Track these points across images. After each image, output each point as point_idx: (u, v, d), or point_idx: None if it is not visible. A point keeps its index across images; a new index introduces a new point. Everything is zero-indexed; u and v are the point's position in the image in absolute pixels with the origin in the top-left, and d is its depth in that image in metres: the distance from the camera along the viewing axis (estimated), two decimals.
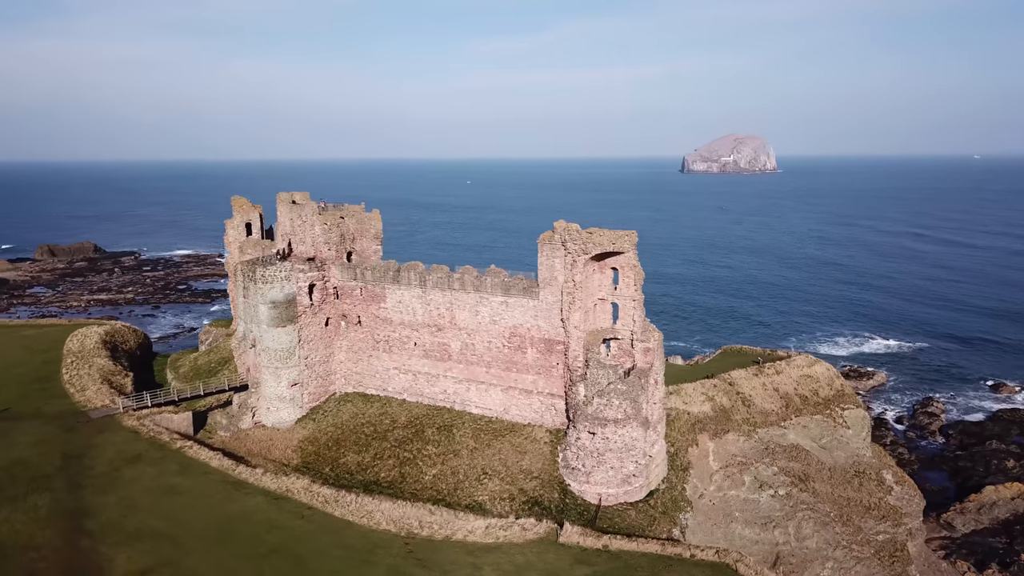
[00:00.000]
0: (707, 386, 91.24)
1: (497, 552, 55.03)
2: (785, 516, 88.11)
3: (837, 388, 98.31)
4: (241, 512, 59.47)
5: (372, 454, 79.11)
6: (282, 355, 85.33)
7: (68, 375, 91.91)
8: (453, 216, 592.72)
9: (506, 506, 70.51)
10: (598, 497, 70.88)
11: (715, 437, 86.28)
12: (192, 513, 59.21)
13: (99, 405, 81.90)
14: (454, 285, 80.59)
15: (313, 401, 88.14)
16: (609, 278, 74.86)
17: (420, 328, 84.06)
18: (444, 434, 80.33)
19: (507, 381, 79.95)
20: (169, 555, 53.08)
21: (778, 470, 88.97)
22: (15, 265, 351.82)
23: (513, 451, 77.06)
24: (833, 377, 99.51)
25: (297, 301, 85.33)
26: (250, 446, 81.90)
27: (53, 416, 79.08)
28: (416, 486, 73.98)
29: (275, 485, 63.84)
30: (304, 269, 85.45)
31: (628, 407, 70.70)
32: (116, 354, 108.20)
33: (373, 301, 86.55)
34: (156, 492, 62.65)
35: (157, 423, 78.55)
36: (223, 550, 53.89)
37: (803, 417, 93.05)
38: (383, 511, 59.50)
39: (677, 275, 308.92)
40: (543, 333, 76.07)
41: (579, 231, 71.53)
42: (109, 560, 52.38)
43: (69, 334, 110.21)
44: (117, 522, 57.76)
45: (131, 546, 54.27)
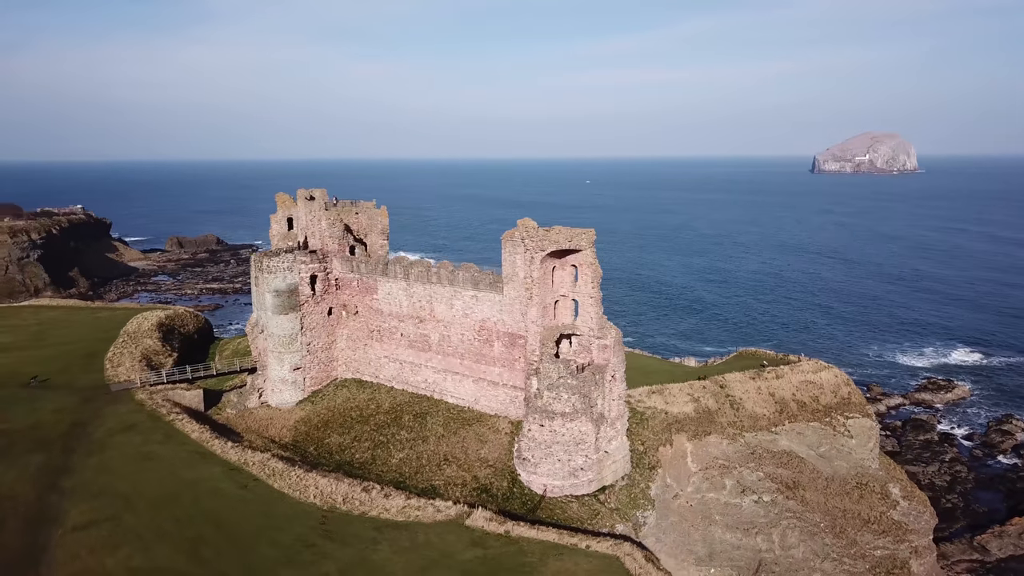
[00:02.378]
0: (695, 387, 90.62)
1: (403, 529, 58.30)
2: (769, 523, 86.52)
3: (843, 396, 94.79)
4: (194, 479, 65.58)
5: (352, 436, 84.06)
6: (285, 341, 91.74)
7: (112, 352, 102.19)
8: (555, 216, 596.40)
9: (458, 491, 73.50)
10: (543, 488, 72.57)
11: (694, 438, 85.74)
12: (153, 477, 65.87)
13: (122, 380, 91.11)
14: (432, 279, 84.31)
15: (315, 385, 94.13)
16: (571, 275, 76.23)
17: (405, 319, 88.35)
18: (418, 421, 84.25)
19: (477, 372, 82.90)
20: (115, 512, 59.68)
21: (764, 476, 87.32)
22: (146, 255, 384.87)
23: (475, 440, 79.95)
24: (840, 384, 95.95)
25: (299, 291, 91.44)
26: (250, 423, 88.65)
27: (81, 388, 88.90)
28: (383, 468, 78.19)
29: (236, 458, 69.67)
30: (306, 261, 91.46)
31: (577, 401, 72.00)
32: (169, 336, 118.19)
33: (367, 292, 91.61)
34: (133, 458, 69.92)
35: (167, 397, 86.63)
36: (162, 511, 60.02)
37: (798, 423, 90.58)
38: (316, 486, 64.04)
39: (756, 279, 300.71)
40: (507, 327, 78.45)
41: (536, 229, 73.43)
42: (65, 513, 59.58)
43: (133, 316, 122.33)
44: (89, 481, 65.22)
45: (89, 502, 61.37)
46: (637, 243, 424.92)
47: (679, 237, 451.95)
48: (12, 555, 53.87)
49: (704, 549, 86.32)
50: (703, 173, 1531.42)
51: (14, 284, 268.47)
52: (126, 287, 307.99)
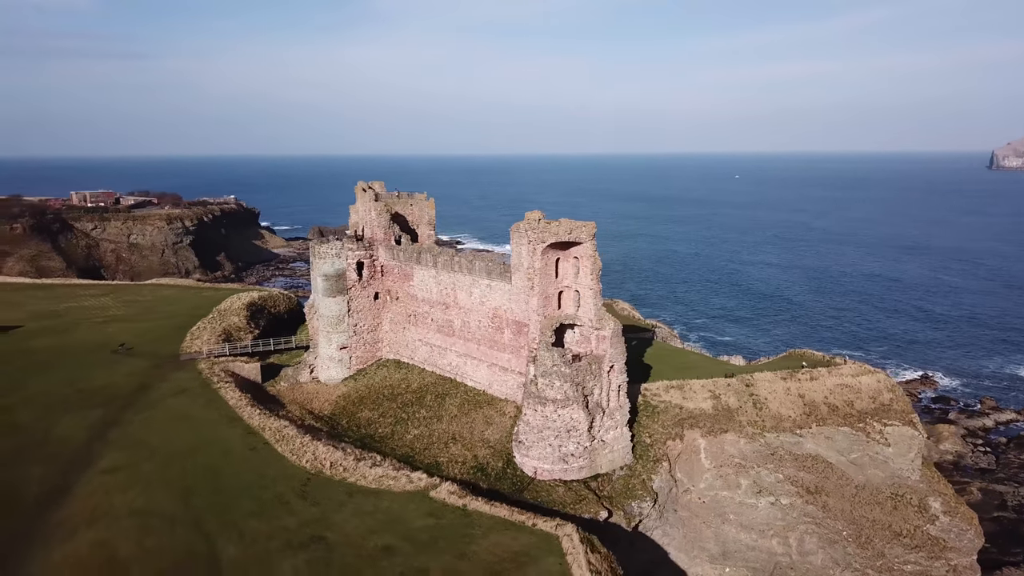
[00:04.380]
0: (718, 384, 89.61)
1: (372, 496, 63.09)
2: (786, 526, 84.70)
3: (882, 402, 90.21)
4: (213, 439, 73.75)
5: (380, 412, 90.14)
6: (333, 321, 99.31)
7: (196, 326, 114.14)
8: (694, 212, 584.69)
9: (458, 468, 77.67)
10: (534, 470, 75.20)
11: (708, 435, 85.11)
12: (181, 435, 74.70)
13: (193, 351, 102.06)
14: (455, 267, 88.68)
15: (360, 364, 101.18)
16: (574, 267, 78.10)
17: (435, 305, 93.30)
18: (438, 401, 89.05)
19: (491, 358, 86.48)
20: (137, 461, 68.69)
21: (783, 478, 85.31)
22: (289, 243, 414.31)
23: (483, 421, 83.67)
24: (882, 390, 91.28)
25: (347, 276, 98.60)
26: (297, 395, 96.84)
27: (158, 356, 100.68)
28: (399, 442, 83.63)
29: (257, 423, 77.31)
30: (353, 248, 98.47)
31: (569, 389, 74.06)
32: (257, 315, 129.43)
33: (405, 279, 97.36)
34: (172, 417, 79.38)
35: (226, 368, 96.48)
36: (175, 463, 68.33)
37: (827, 427, 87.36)
38: (314, 453, 70.14)
39: (868, 284, 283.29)
40: (515, 315, 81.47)
41: (539, 221, 75.93)
42: (99, 458, 69.22)
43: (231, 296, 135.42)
44: (129, 434, 75.03)
45: (121, 451, 70.86)
46: (749, 241, 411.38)
47: (798, 236, 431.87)
48: (45, 489, 63.61)
49: (717, 547, 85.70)
50: (863, 169, 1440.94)
51: (168, 265, 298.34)
52: (266, 271, 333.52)
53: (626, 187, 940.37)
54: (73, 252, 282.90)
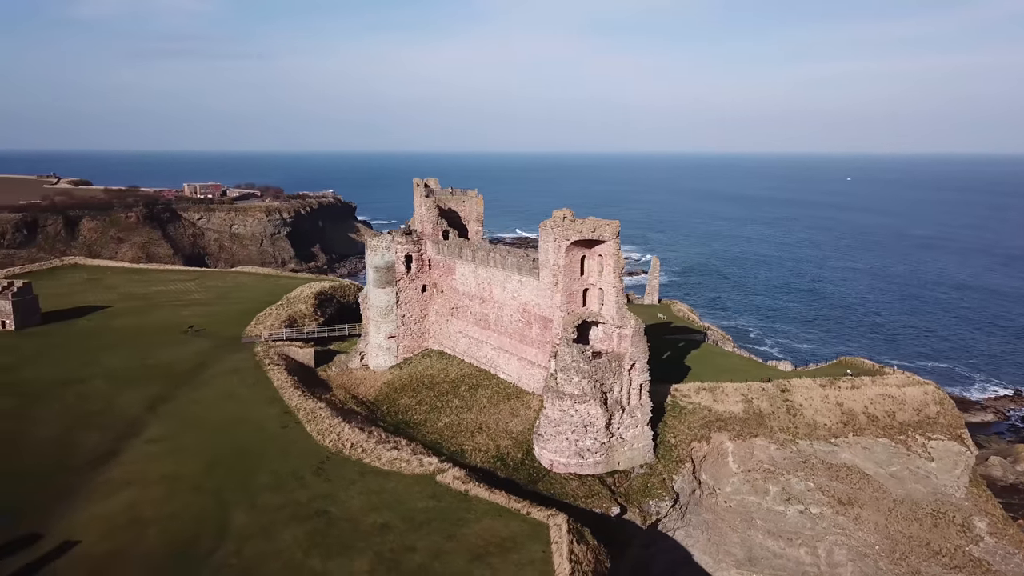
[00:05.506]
0: (752, 388, 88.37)
1: (381, 476, 66.23)
2: (815, 536, 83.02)
3: (928, 415, 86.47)
4: (250, 416, 78.96)
5: (417, 400, 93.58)
6: (382, 311, 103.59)
7: (264, 312, 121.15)
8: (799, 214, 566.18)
9: (479, 456, 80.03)
10: (550, 462, 76.61)
11: (737, 439, 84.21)
12: (223, 411, 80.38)
13: (254, 335, 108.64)
14: (491, 262, 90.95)
15: (407, 353, 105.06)
16: (599, 264, 78.87)
17: (473, 298, 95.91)
18: (471, 392, 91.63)
19: (520, 352, 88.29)
20: (179, 433, 74.63)
21: (814, 486, 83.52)
22: None
23: (509, 413, 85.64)
24: (929, 403, 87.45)
25: (395, 268, 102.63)
26: (345, 381, 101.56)
27: (222, 337, 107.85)
28: (430, 429, 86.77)
29: (295, 404, 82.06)
30: (402, 242, 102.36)
31: (587, 385, 75.06)
32: (324, 303, 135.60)
33: (449, 273, 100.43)
34: (220, 395, 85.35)
35: (281, 352, 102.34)
36: (211, 436, 73.79)
37: (865, 438, 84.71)
38: (338, 434, 74.02)
39: (953, 293, 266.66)
40: (542, 311, 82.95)
41: (565, 218, 77.15)
42: (146, 429, 75.53)
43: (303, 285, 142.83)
44: (178, 408, 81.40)
45: (166, 424, 77.10)
46: (843, 245, 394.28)
47: (884, 242, 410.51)
48: (93, 455, 70.10)
49: (743, 552, 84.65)
50: (992, 173, 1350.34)
51: (265, 255, 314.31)
52: (358, 264, 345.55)
53: (727, 186, 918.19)
54: (180, 240, 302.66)
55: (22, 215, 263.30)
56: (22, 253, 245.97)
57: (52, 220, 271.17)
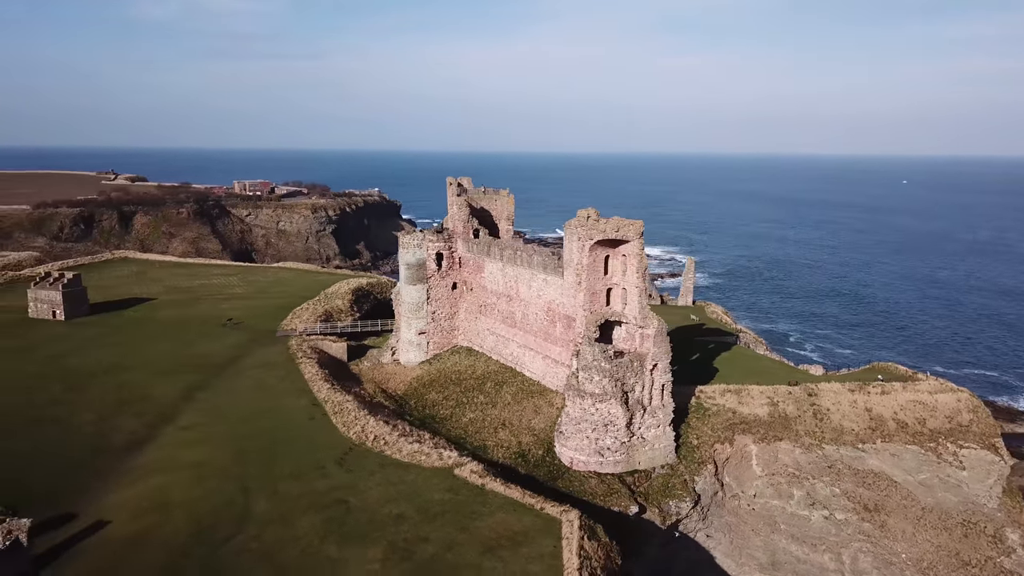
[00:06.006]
0: (778, 392, 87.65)
1: (401, 468, 67.55)
2: (839, 542, 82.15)
3: (960, 423, 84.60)
4: (280, 407, 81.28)
5: (444, 395, 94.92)
6: (413, 308, 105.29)
7: (301, 307, 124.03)
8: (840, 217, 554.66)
9: (502, 452, 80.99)
10: (570, 460, 77.15)
11: (761, 442, 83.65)
12: (254, 401, 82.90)
13: (289, 328, 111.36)
14: (517, 261, 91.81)
15: (437, 349, 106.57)
16: (622, 264, 79.08)
17: (501, 296, 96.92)
18: (496, 388, 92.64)
19: (545, 350, 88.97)
20: (211, 421, 77.26)
21: (840, 492, 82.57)
22: None
23: (532, 411, 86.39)
24: (961, 411, 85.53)
25: (427, 265, 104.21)
26: (376, 375, 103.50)
27: (258, 331, 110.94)
28: (455, 424, 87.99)
29: (323, 396, 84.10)
30: (433, 240, 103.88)
31: (608, 385, 75.42)
32: (361, 299, 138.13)
33: (478, 271, 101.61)
34: (252, 386, 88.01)
35: (314, 346, 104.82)
36: (241, 425, 76.18)
37: (893, 444, 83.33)
38: (363, 426, 75.67)
39: (1003, 300, 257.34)
40: (565, 309, 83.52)
41: (589, 218, 77.60)
42: (177, 415, 78.38)
43: None
44: (211, 397, 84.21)
45: (200, 411, 79.88)
46: (878, 250, 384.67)
47: (934, 247, 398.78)
48: (129, 439, 73.09)
49: (766, 556, 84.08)
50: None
51: (311, 252, 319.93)
52: None
53: (778, 189, 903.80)
54: (229, 236, 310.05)
55: (80, 210, 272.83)
56: (79, 246, 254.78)
57: (108, 215, 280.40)
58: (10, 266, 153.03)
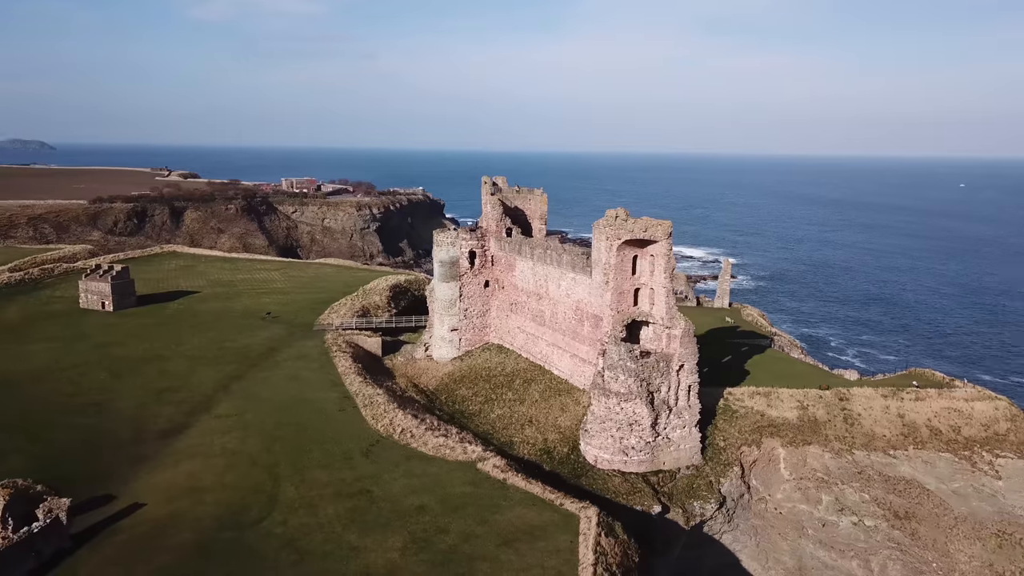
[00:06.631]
0: (809, 395, 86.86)
1: (425, 461, 68.93)
2: (868, 549, 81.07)
3: (997, 431, 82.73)
4: (312, 398, 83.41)
5: (474, 391, 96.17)
6: (446, 305, 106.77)
7: (339, 302, 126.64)
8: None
9: (527, 449, 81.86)
10: (595, 459, 77.64)
11: (789, 445, 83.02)
12: (287, 392, 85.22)
13: (326, 323, 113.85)
14: (547, 260, 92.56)
15: (468, 346, 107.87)
16: (651, 265, 79.26)
17: (531, 295, 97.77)
18: (524, 386, 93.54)
19: (573, 349, 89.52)
20: (245, 410, 79.67)
21: (869, 498, 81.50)
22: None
23: (559, 408, 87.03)
24: (999, 419, 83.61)
25: (459, 263, 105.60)
26: (409, 370, 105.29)
27: (296, 324, 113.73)
28: (483, 420, 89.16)
29: (354, 390, 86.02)
30: (466, 238, 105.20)
31: (634, 384, 75.75)
32: (399, 296, 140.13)
33: (510, 269, 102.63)
34: (286, 377, 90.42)
35: (349, 340, 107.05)
36: (273, 415, 78.42)
37: (926, 451, 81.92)
38: (391, 419, 77.27)
39: None
40: (593, 309, 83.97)
41: (617, 217, 78.02)
42: (217, 405, 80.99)
43: None
44: (247, 387, 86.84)
45: (235, 401, 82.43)
46: (929, 255, 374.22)
47: (987, 253, 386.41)
48: (167, 426, 75.82)
49: (793, 561, 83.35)
50: None
51: (355, 249, 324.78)
52: None
53: (828, 192, 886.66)
54: (275, 232, 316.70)
55: (133, 205, 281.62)
56: (131, 240, 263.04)
57: (160, 210, 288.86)
58: (65, 258, 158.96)
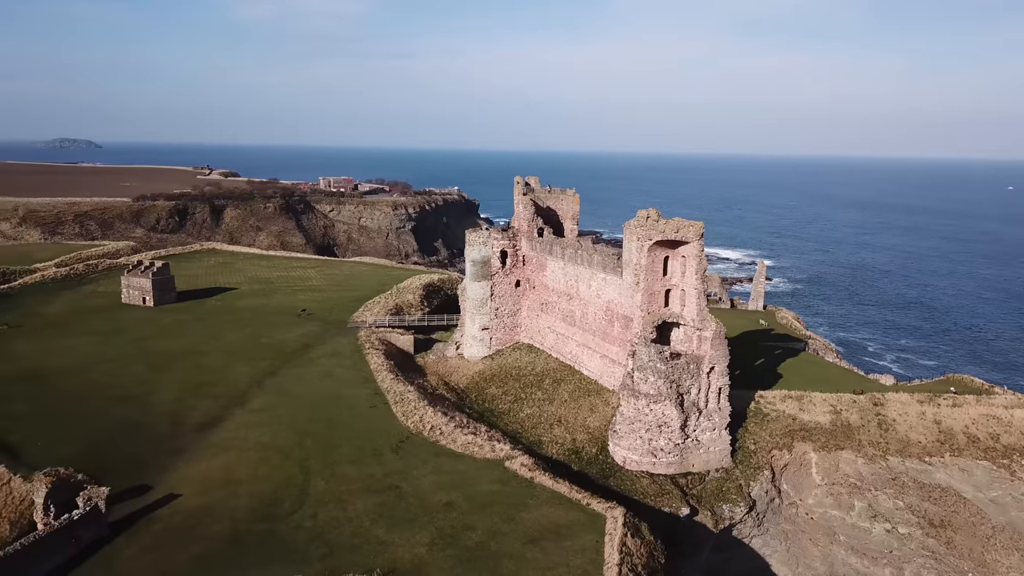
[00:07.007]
0: (842, 400, 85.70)
1: (454, 458, 69.56)
2: (902, 557, 79.87)
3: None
4: (344, 394, 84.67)
5: (503, 390, 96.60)
6: (477, 304, 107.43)
7: (373, 300, 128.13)
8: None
9: (556, 448, 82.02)
10: (623, 459, 77.56)
11: (821, 450, 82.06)
12: (320, 388, 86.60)
13: (359, 320, 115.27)
14: (578, 260, 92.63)
15: (499, 345, 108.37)
16: (682, 266, 78.94)
17: (561, 295, 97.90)
18: (554, 386, 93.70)
19: (603, 350, 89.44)
20: (278, 405, 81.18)
21: (904, 506, 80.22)
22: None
23: (588, 409, 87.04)
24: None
25: (491, 263, 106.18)
26: (440, 368, 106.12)
27: (330, 321, 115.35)
28: (512, 419, 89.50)
29: (386, 386, 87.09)
30: (498, 238, 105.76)
31: (663, 386, 75.53)
32: (432, 294, 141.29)
33: (541, 269, 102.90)
34: (319, 373, 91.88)
35: (382, 337, 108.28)
36: (306, 410, 79.79)
37: (963, 459, 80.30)
38: (421, 416, 78.09)
39: None
40: (624, 309, 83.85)
41: (648, 218, 77.83)
42: (251, 400, 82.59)
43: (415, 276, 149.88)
44: (281, 383, 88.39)
45: (269, 396, 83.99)
46: (973, 260, 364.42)
47: (1021, 254, 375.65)
48: (203, 419, 77.53)
49: (824, 568, 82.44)
50: None
51: (390, 248, 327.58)
52: None
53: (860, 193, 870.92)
54: (312, 230, 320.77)
55: (175, 203, 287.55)
56: (173, 237, 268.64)
57: (200, 208, 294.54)
58: (108, 254, 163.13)
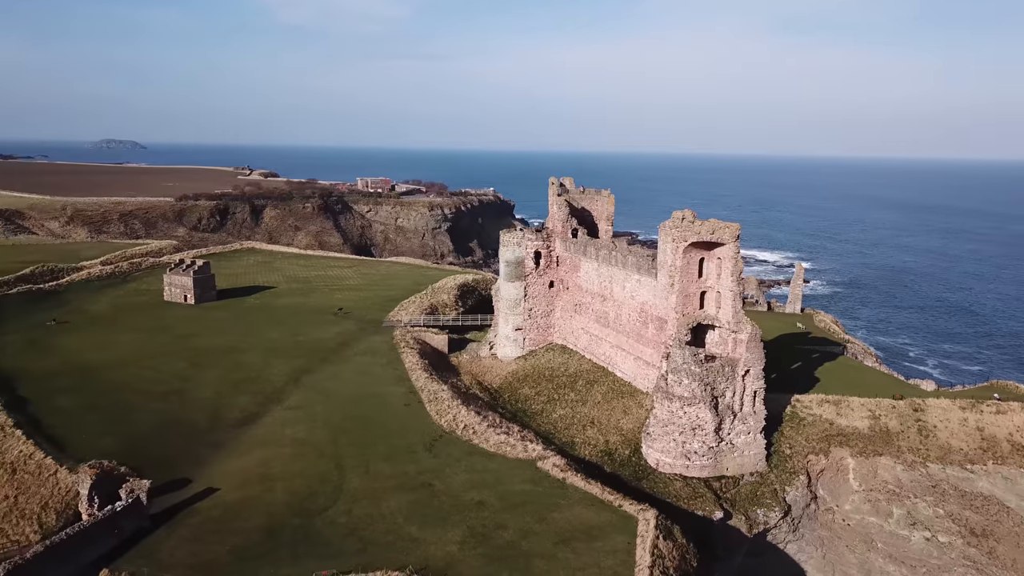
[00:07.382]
0: (881, 405, 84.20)
1: (486, 457, 69.93)
2: (941, 566, 78.30)
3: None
4: (379, 392, 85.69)
5: (536, 391, 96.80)
6: (511, 304, 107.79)
7: (408, 299, 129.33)
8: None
9: (588, 450, 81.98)
10: (656, 462, 77.21)
11: (859, 455, 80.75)
12: (355, 385, 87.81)
13: (395, 319, 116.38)
14: (612, 261, 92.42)
15: (532, 345, 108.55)
16: (718, 268, 78.30)
17: (595, 296, 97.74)
18: (587, 387, 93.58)
19: (636, 351, 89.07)
20: (314, 402, 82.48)
21: (944, 514, 78.57)
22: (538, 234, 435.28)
23: (621, 411, 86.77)
24: None
25: (525, 263, 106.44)
26: (474, 368, 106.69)
27: (366, 320, 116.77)
28: (545, 420, 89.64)
29: (420, 385, 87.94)
30: (532, 238, 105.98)
31: (697, 388, 75.02)
32: (467, 294, 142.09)
33: (575, 270, 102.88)
34: (355, 371, 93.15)
35: (417, 337, 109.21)
36: (341, 407, 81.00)
37: (1007, 467, 78.39)
38: (454, 415, 78.67)
39: None
40: (658, 311, 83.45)
41: (684, 219, 77.39)
42: (288, 397, 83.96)
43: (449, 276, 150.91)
44: (317, 381, 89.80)
45: (305, 393, 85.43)
46: (1016, 263, 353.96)
47: None
48: (242, 416, 79.11)
49: (861, 575, 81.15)
50: None
51: (426, 248, 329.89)
52: None
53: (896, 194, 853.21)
54: (350, 230, 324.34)
55: (216, 203, 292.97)
56: (213, 236, 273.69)
57: (240, 207, 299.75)
58: (151, 253, 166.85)
